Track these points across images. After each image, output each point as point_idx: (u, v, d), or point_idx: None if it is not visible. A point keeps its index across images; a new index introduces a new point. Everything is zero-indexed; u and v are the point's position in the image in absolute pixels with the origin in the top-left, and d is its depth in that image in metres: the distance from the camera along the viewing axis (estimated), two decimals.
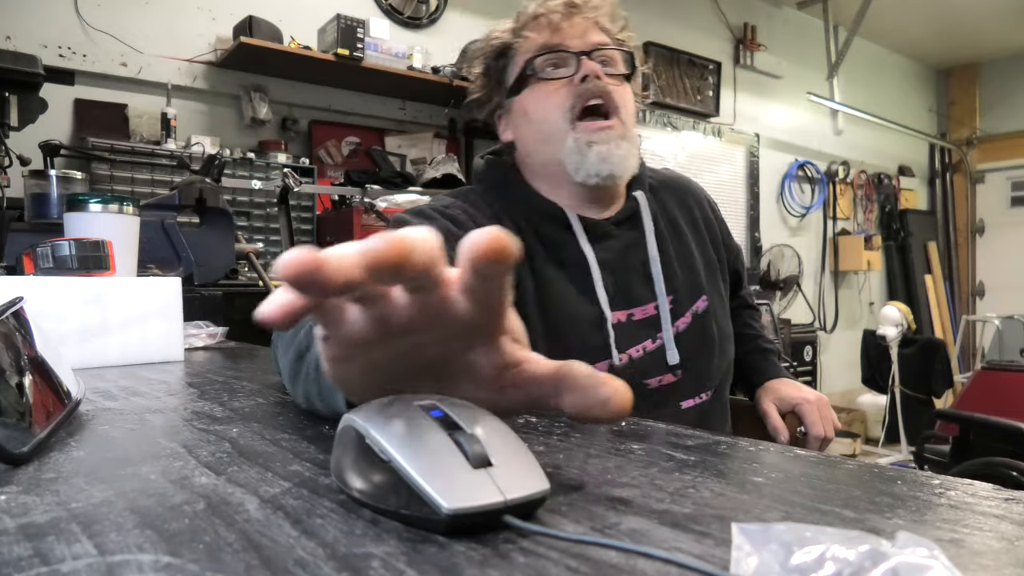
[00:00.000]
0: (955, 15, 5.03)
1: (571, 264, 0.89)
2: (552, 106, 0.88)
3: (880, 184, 5.63)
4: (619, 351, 0.87)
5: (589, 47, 0.88)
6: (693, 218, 1.02)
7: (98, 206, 1.01)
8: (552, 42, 0.88)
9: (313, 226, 2.68)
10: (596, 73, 0.86)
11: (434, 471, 0.27)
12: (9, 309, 0.41)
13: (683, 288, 0.94)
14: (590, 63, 0.87)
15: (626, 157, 0.88)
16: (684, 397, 0.91)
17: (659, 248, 0.93)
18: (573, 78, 0.87)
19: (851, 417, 4.61)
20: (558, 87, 0.88)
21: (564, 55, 0.88)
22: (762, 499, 0.32)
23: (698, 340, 0.93)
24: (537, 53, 0.89)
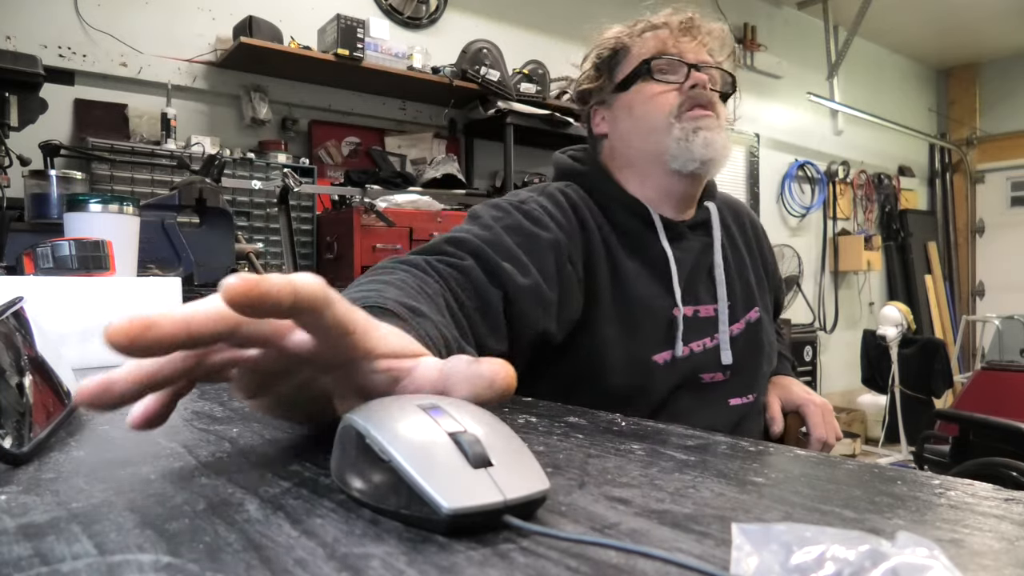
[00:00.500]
0: (955, 15, 5.03)
1: (651, 258, 0.94)
2: (659, 105, 0.93)
3: (880, 184, 5.63)
4: (684, 343, 0.92)
5: (700, 61, 0.94)
6: (747, 238, 1.08)
7: (98, 206, 1.01)
8: (668, 50, 0.94)
9: (313, 226, 2.68)
10: (705, 83, 0.93)
11: (434, 471, 0.27)
12: (9, 309, 0.41)
13: (740, 296, 1.00)
14: (700, 74, 0.93)
15: (726, 146, 0.93)
16: (732, 395, 0.96)
17: (723, 256, 1.00)
18: (683, 85, 0.93)
19: (851, 417, 4.61)
20: (667, 90, 0.93)
21: (677, 64, 0.94)
22: (762, 499, 0.32)
23: (749, 346, 0.98)
24: (654, 56, 0.94)
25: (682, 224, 0.98)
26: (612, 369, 0.88)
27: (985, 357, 4.50)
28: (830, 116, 5.27)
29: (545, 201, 0.91)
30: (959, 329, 5.38)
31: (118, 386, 0.32)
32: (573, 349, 0.88)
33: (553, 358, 0.88)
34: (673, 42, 0.95)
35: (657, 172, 0.95)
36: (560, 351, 0.88)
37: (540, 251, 0.83)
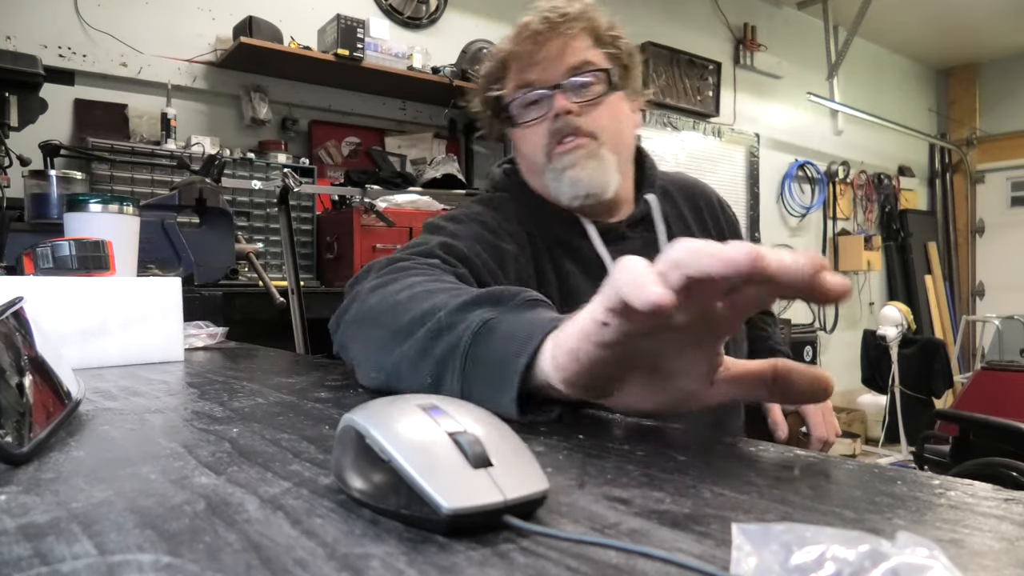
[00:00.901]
0: (955, 15, 5.03)
1: (590, 265, 0.92)
2: (533, 146, 0.91)
3: (880, 184, 5.63)
4: None
5: (562, 76, 0.89)
6: (702, 219, 1.04)
7: (98, 206, 1.01)
8: (525, 79, 0.90)
9: (313, 226, 2.68)
10: (566, 109, 0.88)
11: (434, 471, 0.27)
12: (9, 309, 0.41)
13: None
14: (561, 100, 0.88)
15: (594, 176, 0.89)
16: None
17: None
18: (547, 116, 0.89)
19: (851, 417, 4.61)
20: (535, 126, 0.90)
21: (536, 93, 0.90)
22: (762, 499, 0.32)
23: None
24: (512, 96, 0.91)
25: (619, 224, 0.95)
26: None
27: (985, 357, 4.50)
28: (830, 116, 5.27)
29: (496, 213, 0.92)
30: (959, 329, 5.38)
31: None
32: None
33: None
34: (529, 65, 0.90)
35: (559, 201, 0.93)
36: None
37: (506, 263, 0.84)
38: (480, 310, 0.51)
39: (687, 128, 4.32)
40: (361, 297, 0.69)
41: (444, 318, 0.53)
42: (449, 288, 0.61)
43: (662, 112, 4.17)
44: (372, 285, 0.69)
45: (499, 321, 0.48)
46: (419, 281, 0.66)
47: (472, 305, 0.52)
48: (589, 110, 0.89)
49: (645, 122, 4.05)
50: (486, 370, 0.47)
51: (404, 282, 0.66)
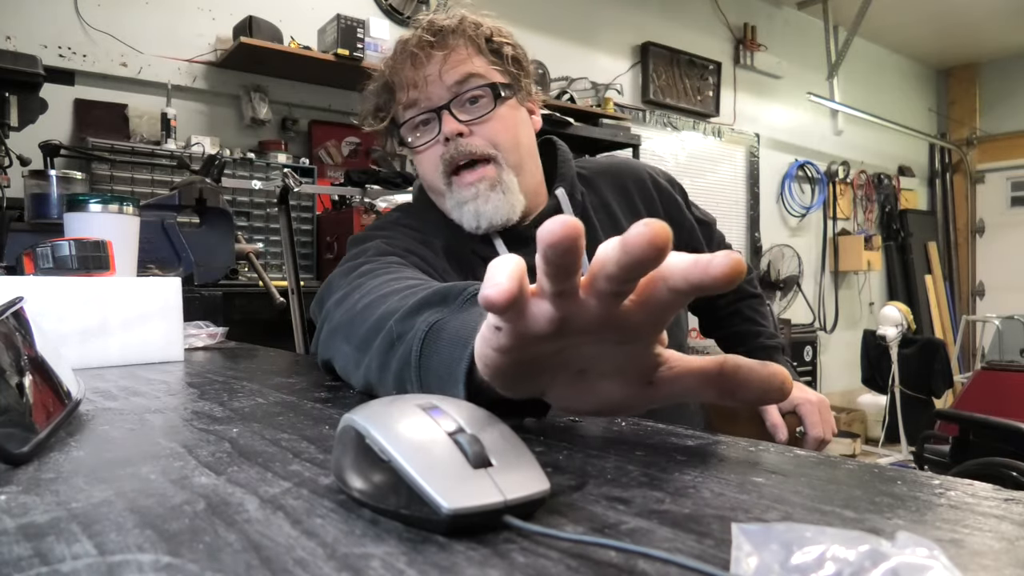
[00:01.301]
0: (955, 15, 5.03)
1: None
2: (428, 170, 0.89)
3: (880, 184, 5.63)
4: None
5: (447, 94, 0.85)
6: (631, 201, 1.00)
7: (98, 206, 1.01)
8: (411, 100, 0.87)
9: (313, 226, 2.68)
10: (456, 131, 0.85)
11: (434, 471, 0.27)
12: (9, 309, 0.41)
13: None
14: (449, 122, 0.85)
15: (499, 207, 0.86)
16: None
17: (589, 238, 0.94)
18: (438, 138, 0.87)
19: (851, 417, 4.61)
20: (428, 150, 0.88)
21: (425, 116, 0.87)
22: (762, 499, 0.32)
23: None
24: (402, 120, 0.89)
25: (526, 227, 0.91)
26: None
27: (985, 357, 4.50)
28: (830, 116, 5.27)
29: (413, 222, 0.92)
30: (959, 329, 5.38)
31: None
32: None
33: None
34: (409, 88, 0.86)
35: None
36: None
37: (435, 271, 0.84)
38: (427, 313, 0.50)
39: (687, 128, 4.32)
40: (329, 314, 0.69)
41: (395, 326, 0.53)
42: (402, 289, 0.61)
43: (662, 112, 4.17)
44: (337, 299, 0.70)
45: (446, 323, 0.47)
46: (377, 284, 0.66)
47: (421, 308, 0.52)
48: (481, 127, 0.86)
49: (645, 122, 4.06)
50: (437, 378, 0.46)
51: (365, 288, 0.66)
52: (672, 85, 4.21)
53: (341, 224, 2.53)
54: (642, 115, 4.06)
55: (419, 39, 0.85)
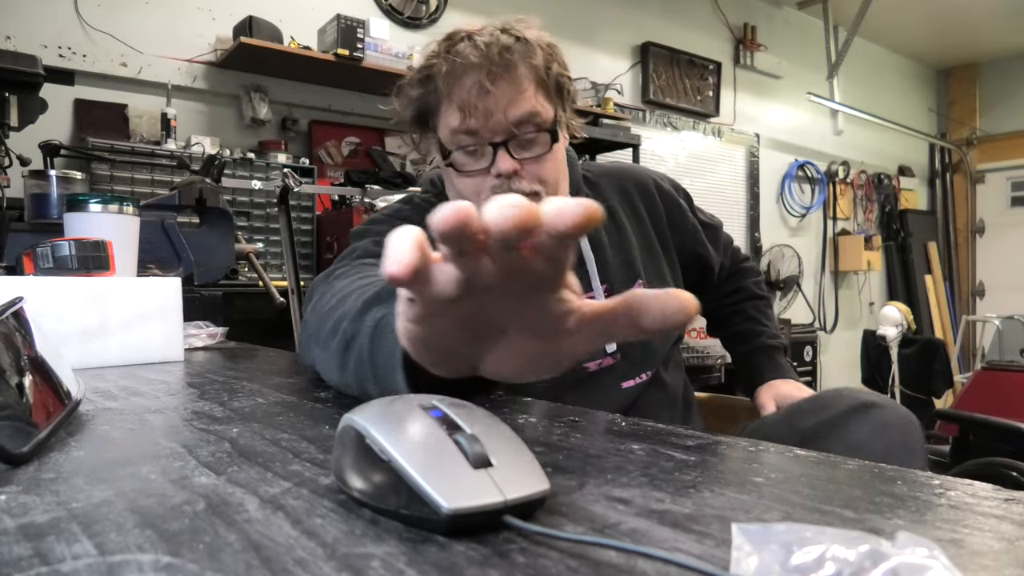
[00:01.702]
0: (955, 15, 5.03)
1: None
2: (468, 193, 0.87)
3: (880, 184, 5.63)
4: None
5: (505, 133, 0.84)
6: (632, 204, 1.01)
7: (98, 206, 1.01)
8: (467, 127, 0.84)
9: (313, 226, 2.68)
10: (511, 170, 0.84)
11: (434, 471, 0.27)
12: (9, 309, 0.41)
13: (618, 276, 0.95)
14: (505, 161, 0.84)
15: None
16: (624, 378, 0.93)
17: (592, 243, 0.94)
18: (489, 170, 0.85)
19: None
20: (473, 177, 0.86)
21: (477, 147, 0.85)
22: (762, 499, 0.32)
23: None
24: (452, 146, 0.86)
25: None
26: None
27: (985, 357, 4.49)
28: (830, 116, 5.27)
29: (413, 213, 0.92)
30: (959, 329, 5.38)
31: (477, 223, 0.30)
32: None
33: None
34: (467, 116, 0.83)
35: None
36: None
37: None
38: (375, 310, 0.52)
39: (687, 128, 4.32)
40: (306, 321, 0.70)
41: (348, 327, 0.54)
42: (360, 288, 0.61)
43: (662, 112, 4.17)
44: (312, 305, 0.70)
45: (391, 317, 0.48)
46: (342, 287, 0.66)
47: (369, 306, 0.53)
48: (532, 165, 0.86)
49: (645, 122, 4.06)
50: (384, 371, 0.48)
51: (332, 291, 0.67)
52: (672, 85, 4.21)
53: (341, 224, 2.53)
54: (642, 115, 4.06)
55: (487, 69, 0.82)
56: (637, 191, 1.02)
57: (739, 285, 1.15)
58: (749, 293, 1.15)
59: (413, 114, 0.90)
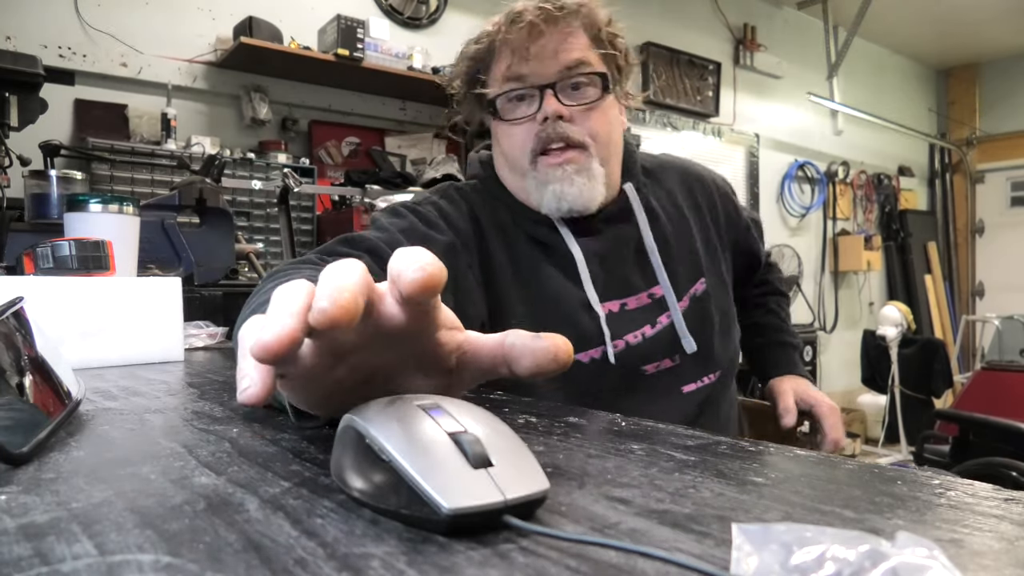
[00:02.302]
0: (955, 15, 5.03)
1: (560, 259, 0.89)
2: (515, 144, 0.87)
3: (880, 184, 5.63)
4: (613, 338, 0.87)
5: (554, 76, 0.84)
6: (695, 200, 0.99)
7: (98, 206, 1.01)
8: (516, 72, 0.85)
9: (313, 226, 2.68)
10: (558, 113, 0.84)
11: (434, 471, 0.27)
12: (9, 309, 0.41)
13: (682, 272, 0.93)
14: (552, 103, 0.84)
15: (583, 192, 0.85)
16: (685, 381, 0.90)
17: (656, 235, 0.92)
18: (536, 116, 0.85)
19: (851, 417, 4.61)
20: (521, 123, 0.86)
21: (526, 92, 0.85)
22: (762, 499, 0.32)
23: (697, 323, 0.91)
24: (500, 89, 0.87)
25: (596, 217, 0.90)
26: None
27: (985, 357, 4.49)
28: (830, 116, 5.27)
29: (442, 202, 0.89)
30: (959, 329, 5.38)
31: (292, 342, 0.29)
32: None
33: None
34: (517, 59, 0.84)
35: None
36: None
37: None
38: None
39: (687, 128, 4.32)
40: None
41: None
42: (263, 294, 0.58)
43: (662, 112, 4.17)
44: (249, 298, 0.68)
45: None
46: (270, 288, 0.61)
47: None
48: (581, 115, 0.85)
49: (645, 122, 4.06)
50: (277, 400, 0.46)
51: (261, 290, 0.64)
52: (672, 85, 4.21)
53: (341, 224, 2.53)
54: (642, 115, 4.06)
55: (541, 9, 0.83)
56: (699, 187, 1.01)
57: (766, 278, 1.16)
58: (773, 288, 1.16)
59: (466, 72, 0.90)
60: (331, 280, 0.30)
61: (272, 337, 0.28)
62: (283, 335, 0.28)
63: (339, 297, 0.29)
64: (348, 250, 0.76)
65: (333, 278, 0.30)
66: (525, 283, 0.88)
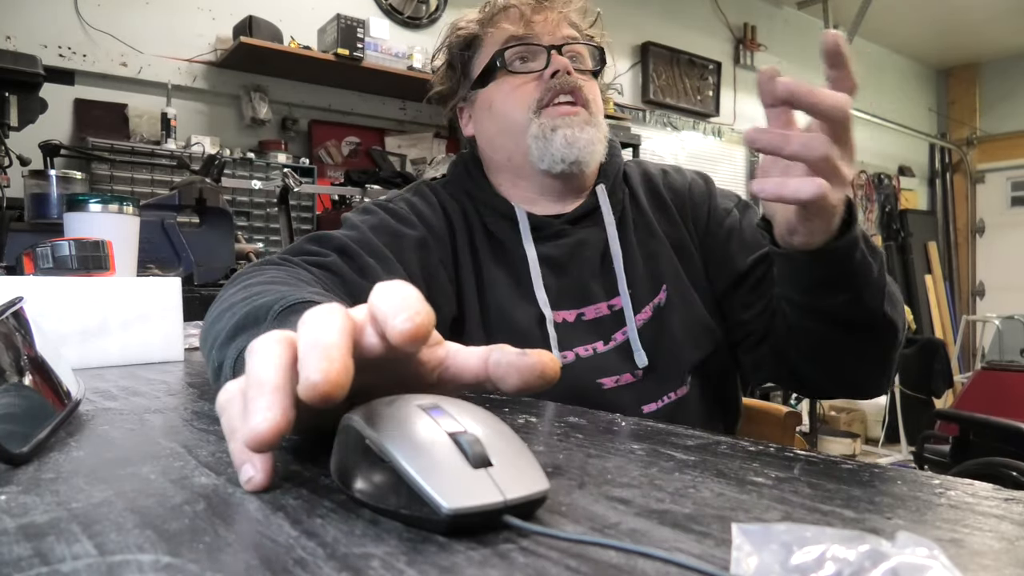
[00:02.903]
0: (955, 15, 5.03)
1: (515, 263, 0.86)
2: (518, 100, 0.86)
3: (880, 184, 5.63)
4: (561, 350, 0.82)
5: (560, 41, 0.86)
6: (662, 203, 0.93)
7: (98, 206, 1.01)
8: (522, 33, 0.86)
9: (313, 226, 2.68)
10: (567, 68, 0.84)
11: (434, 471, 0.27)
12: (9, 309, 0.41)
13: (643, 282, 0.87)
14: (561, 58, 0.85)
15: (592, 142, 0.85)
16: (645, 400, 0.83)
17: (623, 241, 0.88)
18: (543, 73, 0.85)
19: (851, 417, 4.61)
20: (526, 81, 0.86)
21: (534, 48, 0.86)
22: (762, 499, 0.32)
23: (655, 337, 0.84)
24: (506, 45, 0.86)
25: (558, 220, 0.88)
26: None
27: (985, 357, 4.50)
28: None
29: (414, 199, 0.88)
30: (959, 329, 5.38)
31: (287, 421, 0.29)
32: None
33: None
34: (525, 23, 0.85)
35: (526, 172, 0.88)
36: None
37: (406, 250, 0.80)
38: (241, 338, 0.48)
39: (687, 128, 4.32)
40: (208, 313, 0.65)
41: (216, 355, 0.50)
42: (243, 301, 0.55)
43: (662, 112, 4.17)
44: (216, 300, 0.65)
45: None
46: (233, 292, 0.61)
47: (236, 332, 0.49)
48: (584, 80, 0.87)
49: (645, 122, 4.06)
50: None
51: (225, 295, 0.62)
52: (672, 85, 4.21)
53: (341, 224, 2.53)
54: (642, 115, 4.06)
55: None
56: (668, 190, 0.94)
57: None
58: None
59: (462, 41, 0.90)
60: (316, 343, 0.29)
61: (266, 428, 0.28)
62: (276, 423, 0.28)
63: (330, 369, 0.28)
64: (317, 248, 0.75)
65: (317, 338, 0.29)
66: (481, 287, 0.86)
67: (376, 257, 0.76)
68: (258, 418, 0.28)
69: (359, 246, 0.76)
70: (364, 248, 0.77)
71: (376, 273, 0.74)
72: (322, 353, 0.29)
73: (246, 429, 0.28)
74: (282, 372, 0.30)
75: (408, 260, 0.79)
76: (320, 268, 0.72)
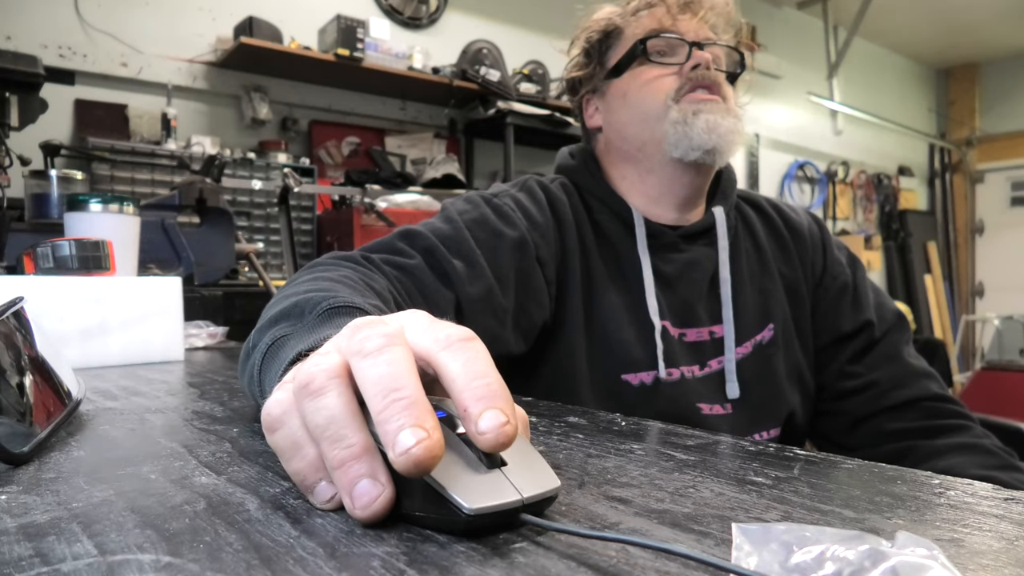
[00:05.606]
0: (955, 15, 5.03)
1: (624, 269, 0.84)
2: (656, 89, 0.84)
3: (880, 184, 5.64)
4: (667, 366, 0.80)
5: (703, 39, 0.85)
6: (781, 242, 0.92)
7: (98, 206, 1.01)
8: (665, 28, 0.85)
9: (313, 226, 2.68)
10: (708, 63, 0.83)
11: (451, 473, 0.27)
12: (9, 309, 0.41)
13: (749, 314, 0.85)
14: (702, 53, 0.83)
15: (732, 131, 0.82)
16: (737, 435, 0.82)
17: (733, 269, 0.86)
18: (683, 67, 0.83)
19: None
20: (665, 73, 0.84)
21: (675, 43, 0.85)
22: (762, 499, 0.32)
23: (754, 374, 0.84)
24: (649, 35, 0.85)
25: (676, 231, 0.86)
26: (580, 383, 0.79)
27: (985, 357, 4.49)
28: (830, 116, 5.27)
29: (520, 195, 0.85)
30: (959, 329, 5.38)
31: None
32: (544, 360, 0.81)
33: (525, 370, 0.81)
34: (671, 20, 0.85)
35: (656, 164, 0.85)
36: (532, 362, 0.81)
37: (500, 251, 0.77)
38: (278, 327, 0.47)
39: None
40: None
41: (254, 337, 0.50)
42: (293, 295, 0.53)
43: None
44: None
45: (288, 338, 0.44)
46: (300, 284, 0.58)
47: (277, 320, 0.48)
48: (724, 82, 0.86)
49: None
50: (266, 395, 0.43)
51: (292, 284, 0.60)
52: None
53: (341, 224, 2.53)
54: None
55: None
56: (787, 229, 0.94)
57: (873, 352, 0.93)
58: (926, 391, 0.90)
59: (601, 30, 0.89)
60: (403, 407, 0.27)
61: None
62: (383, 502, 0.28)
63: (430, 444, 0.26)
64: (404, 246, 0.72)
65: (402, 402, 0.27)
66: (589, 286, 0.83)
67: (462, 258, 0.73)
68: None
69: (447, 245, 0.73)
70: (452, 248, 0.74)
71: (459, 278, 0.71)
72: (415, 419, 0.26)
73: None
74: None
75: (502, 262, 0.76)
76: (400, 270, 0.69)
